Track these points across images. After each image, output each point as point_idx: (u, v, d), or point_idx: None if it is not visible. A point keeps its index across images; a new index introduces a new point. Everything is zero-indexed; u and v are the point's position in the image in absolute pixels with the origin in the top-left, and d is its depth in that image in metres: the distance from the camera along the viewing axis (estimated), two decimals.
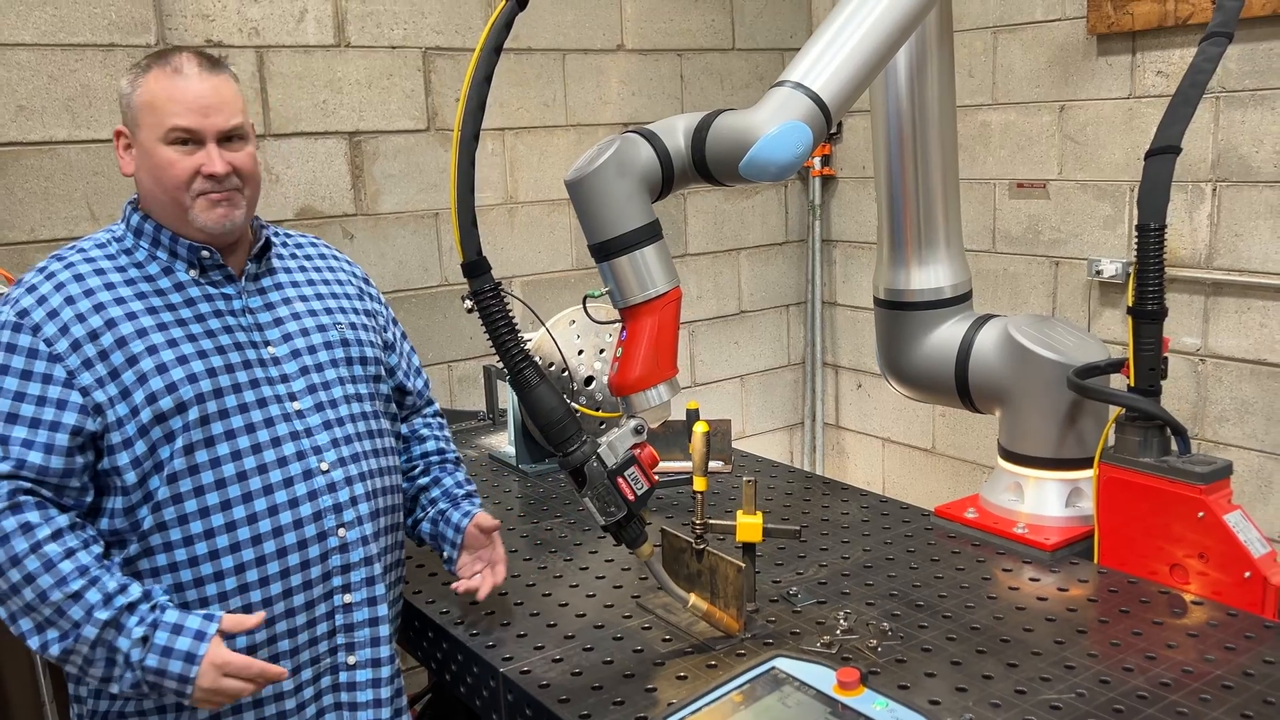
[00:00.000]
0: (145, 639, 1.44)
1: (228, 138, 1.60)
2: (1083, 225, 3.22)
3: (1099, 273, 3.13)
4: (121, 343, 1.53)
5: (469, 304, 1.53)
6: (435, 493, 1.88)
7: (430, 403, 1.98)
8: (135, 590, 1.47)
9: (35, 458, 1.46)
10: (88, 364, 1.51)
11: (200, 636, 1.45)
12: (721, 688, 1.52)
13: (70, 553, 1.44)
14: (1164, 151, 1.81)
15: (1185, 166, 2.91)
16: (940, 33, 2.05)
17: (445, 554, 1.83)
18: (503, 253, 3.33)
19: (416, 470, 1.90)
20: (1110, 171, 3.12)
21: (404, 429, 1.92)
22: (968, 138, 3.44)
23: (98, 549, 1.48)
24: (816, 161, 3.97)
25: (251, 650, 1.55)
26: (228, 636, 1.50)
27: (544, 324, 2.20)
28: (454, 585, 1.77)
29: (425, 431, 1.94)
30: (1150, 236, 1.82)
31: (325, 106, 2.94)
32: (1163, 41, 2.93)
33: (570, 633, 1.71)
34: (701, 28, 3.68)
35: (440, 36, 3.11)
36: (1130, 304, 1.85)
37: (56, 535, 1.44)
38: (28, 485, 1.45)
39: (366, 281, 1.89)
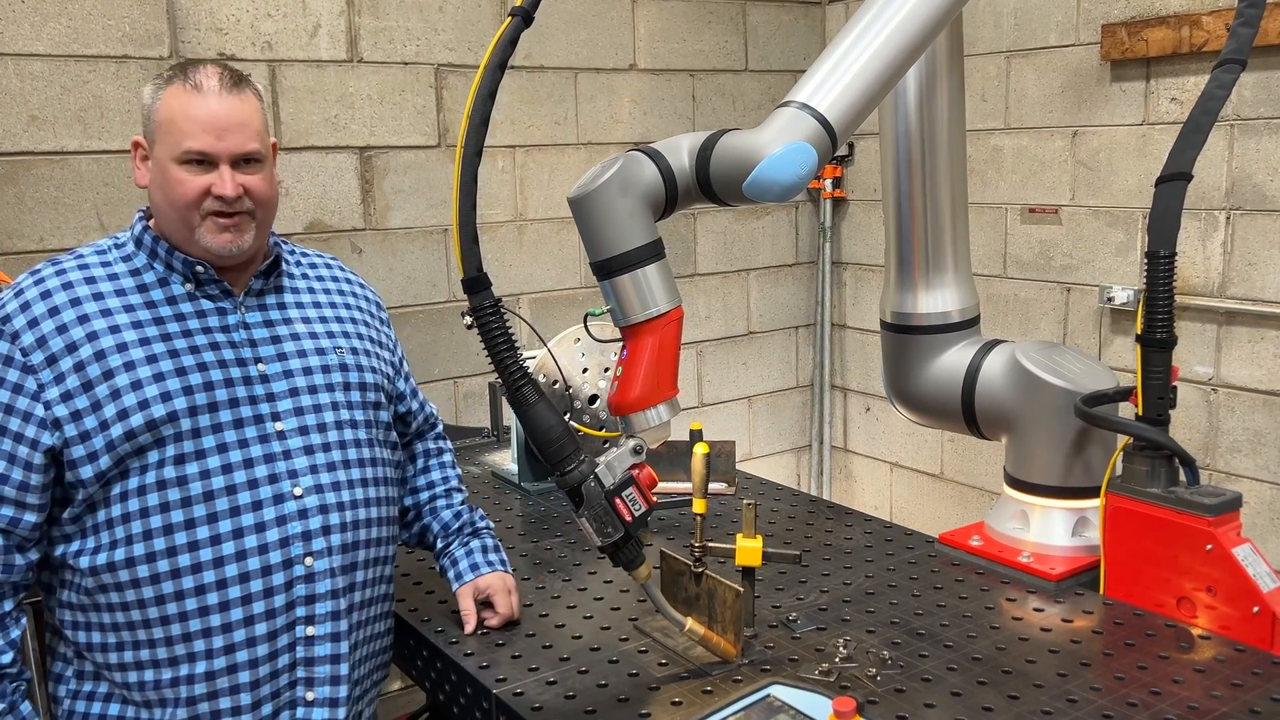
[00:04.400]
0: None
1: (244, 159, 1.56)
2: (1095, 251, 3.19)
3: (1111, 299, 3.10)
4: (100, 355, 1.51)
5: (468, 320, 1.52)
6: (436, 527, 1.90)
7: (433, 426, 1.98)
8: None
9: None
10: (60, 379, 1.49)
11: None
12: (716, 714, 1.49)
13: None
14: (1175, 179, 1.80)
15: (1199, 194, 2.89)
16: (950, 55, 2.04)
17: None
18: (511, 269, 3.33)
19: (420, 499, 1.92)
20: (1123, 198, 3.10)
21: (411, 449, 1.95)
22: (980, 162, 3.43)
23: (15, 631, 1.51)
24: (827, 184, 3.96)
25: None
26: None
27: (545, 343, 2.19)
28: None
29: (425, 461, 1.96)
30: (1160, 264, 1.80)
31: (336, 121, 2.95)
32: (1177, 68, 2.92)
33: (565, 654, 1.69)
34: (714, 48, 3.68)
35: (452, 53, 3.12)
36: (1139, 331, 1.83)
37: None
38: None
39: (379, 306, 1.87)
